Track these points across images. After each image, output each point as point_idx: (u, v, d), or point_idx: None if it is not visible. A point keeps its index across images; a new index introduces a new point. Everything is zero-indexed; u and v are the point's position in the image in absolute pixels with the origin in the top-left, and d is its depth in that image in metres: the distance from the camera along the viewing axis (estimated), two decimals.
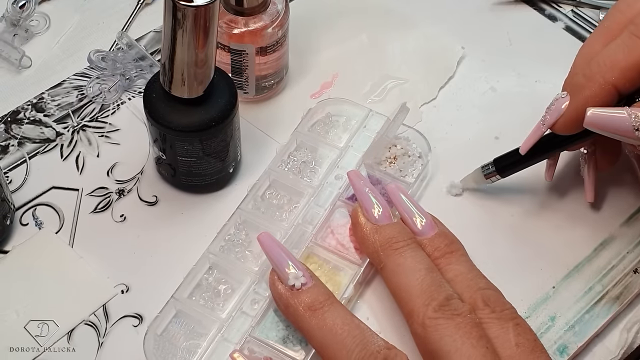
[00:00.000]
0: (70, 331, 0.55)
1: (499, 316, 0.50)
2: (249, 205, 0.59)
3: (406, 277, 0.51)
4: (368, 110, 0.64)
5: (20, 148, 0.64)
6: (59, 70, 0.69)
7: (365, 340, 0.48)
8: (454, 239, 0.55)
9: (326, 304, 0.50)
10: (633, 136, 0.50)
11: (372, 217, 0.55)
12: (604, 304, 0.57)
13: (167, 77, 0.55)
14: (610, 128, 0.50)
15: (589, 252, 0.60)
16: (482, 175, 0.60)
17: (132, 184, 0.62)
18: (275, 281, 0.52)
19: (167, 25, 0.52)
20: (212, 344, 0.53)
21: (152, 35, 0.71)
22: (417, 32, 0.72)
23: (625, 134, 0.50)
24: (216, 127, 0.56)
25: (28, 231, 0.60)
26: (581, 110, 0.51)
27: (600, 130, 0.51)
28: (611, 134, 0.51)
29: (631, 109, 0.50)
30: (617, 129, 0.50)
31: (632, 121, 0.49)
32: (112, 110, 0.66)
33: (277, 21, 0.62)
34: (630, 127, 0.49)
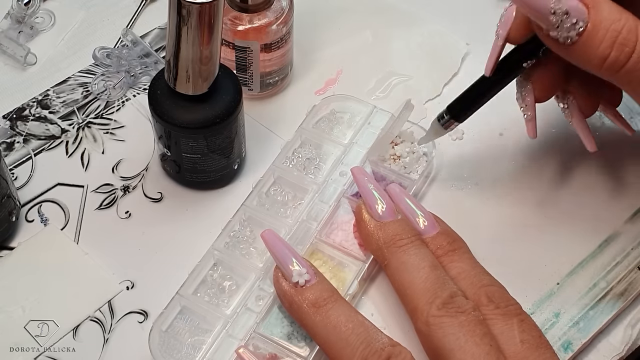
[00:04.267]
0: (76, 327, 0.55)
1: (504, 312, 0.50)
2: (254, 202, 0.59)
3: (410, 274, 0.51)
4: (372, 106, 0.64)
5: (26, 145, 0.64)
6: (64, 67, 0.69)
7: (369, 337, 0.48)
8: (457, 237, 0.55)
9: (330, 300, 0.50)
10: (547, 18, 0.48)
11: (376, 213, 0.55)
12: (608, 300, 0.57)
13: (171, 73, 0.55)
14: (529, 1, 0.48)
15: (593, 249, 0.60)
16: (440, 126, 0.58)
17: (137, 181, 0.62)
18: (279, 278, 0.52)
19: (171, 22, 0.52)
20: (216, 340, 0.53)
21: (157, 32, 0.71)
22: (421, 29, 0.72)
23: (541, 12, 0.48)
24: (221, 123, 0.56)
25: (33, 228, 0.60)
26: None
27: (520, 3, 0.49)
28: (529, 11, 0.48)
29: None
30: (535, 4, 0.48)
31: (551, 1, 0.47)
32: (117, 107, 0.66)
33: (282, 18, 0.62)
34: (548, 7, 0.47)
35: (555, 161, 0.63)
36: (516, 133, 0.65)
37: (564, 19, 0.47)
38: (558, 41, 0.49)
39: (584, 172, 0.62)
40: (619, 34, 0.47)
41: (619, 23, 0.47)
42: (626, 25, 0.47)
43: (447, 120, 0.58)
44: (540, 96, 0.56)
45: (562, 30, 0.48)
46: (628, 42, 0.47)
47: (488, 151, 0.63)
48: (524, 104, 0.56)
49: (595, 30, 0.48)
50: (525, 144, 0.64)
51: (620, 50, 0.47)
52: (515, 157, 0.64)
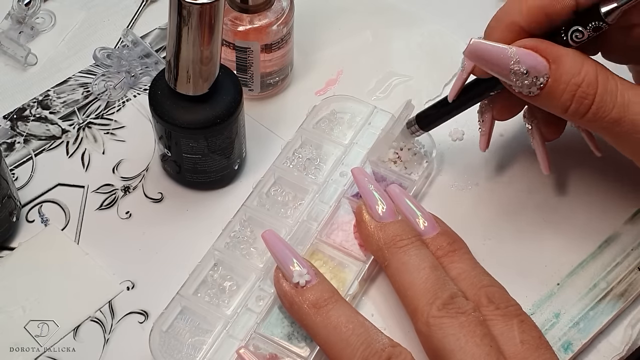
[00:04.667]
0: (76, 328, 0.55)
1: (504, 313, 0.50)
2: (254, 202, 0.59)
3: (410, 275, 0.51)
4: (373, 107, 0.64)
5: (26, 145, 0.64)
6: (65, 67, 0.69)
7: (369, 338, 0.48)
8: (457, 238, 0.55)
9: (331, 301, 0.50)
10: (508, 77, 0.50)
11: (376, 214, 0.54)
12: (608, 300, 0.57)
13: (172, 74, 0.55)
14: (488, 60, 0.50)
15: (593, 249, 0.60)
16: (408, 131, 0.60)
17: (138, 181, 0.62)
18: (280, 279, 0.52)
19: (172, 23, 0.52)
20: (217, 341, 0.53)
21: (158, 33, 0.71)
22: (421, 29, 0.72)
23: (502, 73, 0.50)
24: (221, 124, 0.56)
25: (34, 228, 0.60)
26: None
27: (479, 62, 0.51)
28: (489, 69, 0.51)
29: (514, 50, 0.50)
30: (494, 63, 0.50)
31: (510, 62, 0.50)
32: (117, 107, 0.66)
33: (282, 18, 0.62)
34: (508, 68, 0.50)
35: (555, 162, 0.63)
36: (517, 134, 0.65)
37: (524, 77, 0.50)
38: (522, 93, 0.51)
39: (584, 173, 0.62)
40: (579, 87, 0.49)
41: (579, 77, 0.49)
42: (586, 78, 0.49)
43: (415, 128, 0.60)
44: (498, 116, 0.58)
45: (524, 87, 0.50)
46: (587, 95, 0.49)
47: (488, 152, 0.63)
48: (481, 119, 0.59)
49: (555, 84, 0.50)
50: (526, 144, 0.63)
51: (579, 103, 0.50)
52: (516, 157, 0.64)
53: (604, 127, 0.50)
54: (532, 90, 0.50)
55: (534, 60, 0.49)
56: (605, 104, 0.49)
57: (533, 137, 0.58)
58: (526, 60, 0.49)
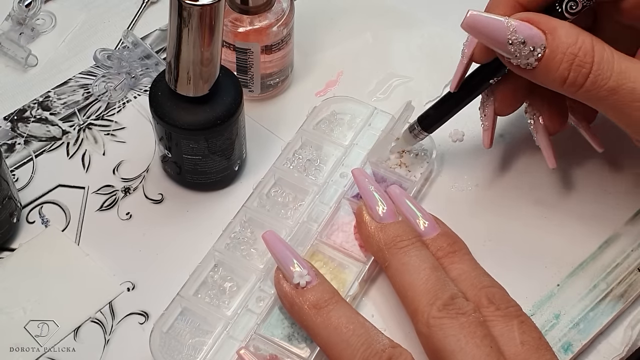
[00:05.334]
0: (77, 329, 0.55)
1: (504, 314, 0.50)
2: (254, 203, 0.59)
3: (410, 276, 0.51)
4: (373, 108, 0.64)
5: (27, 146, 0.64)
6: (65, 68, 0.69)
7: (370, 338, 0.48)
8: (457, 239, 0.55)
9: (331, 302, 0.50)
10: (505, 48, 0.50)
11: (377, 215, 0.54)
12: (608, 301, 0.57)
13: (172, 75, 0.54)
14: (485, 32, 0.50)
15: (593, 250, 0.59)
16: (411, 136, 0.60)
17: (138, 182, 0.62)
18: (281, 279, 0.52)
19: (172, 24, 0.52)
20: (217, 342, 0.53)
21: (158, 34, 0.71)
22: (421, 30, 0.72)
23: (499, 44, 0.50)
24: (222, 125, 0.56)
25: (34, 229, 0.60)
26: None
27: (477, 34, 0.51)
28: (487, 41, 0.51)
29: (510, 20, 0.50)
30: (491, 35, 0.50)
31: (507, 32, 0.50)
32: (117, 108, 0.66)
33: (282, 19, 0.62)
34: (505, 38, 0.50)
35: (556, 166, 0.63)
36: (517, 135, 0.65)
37: (522, 47, 0.50)
38: (520, 66, 0.51)
39: (584, 174, 0.62)
40: (576, 56, 0.49)
41: (575, 46, 0.49)
42: (582, 47, 0.49)
43: (418, 132, 0.60)
44: (500, 110, 0.58)
45: (521, 58, 0.50)
46: (585, 64, 0.49)
47: (489, 153, 0.63)
48: (483, 114, 0.58)
49: (552, 54, 0.50)
50: (526, 145, 0.64)
51: (577, 72, 0.50)
52: (516, 158, 0.64)
53: (601, 98, 0.50)
54: (530, 62, 0.50)
55: (530, 30, 0.50)
56: (602, 72, 0.49)
57: (537, 131, 0.58)
58: (523, 30, 0.50)
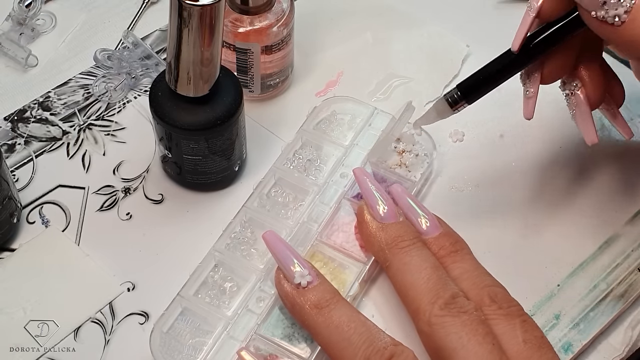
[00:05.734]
0: (77, 329, 0.55)
1: (506, 313, 0.49)
2: (255, 203, 0.59)
3: (412, 275, 0.51)
4: (373, 108, 0.64)
5: (27, 146, 0.64)
6: (65, 69, 0.69)
7: (371, 337, 0.48)
8: (459, 238, 0.55)
9: (332, 301, 0.50)
10: (597, 5, 0.45)
11: (378, 214, 0.54)
12: (608, 301, 0.57)
13: (172, 75, 0.54)
14: None
15: (593, 250, 0.60)
16: (447, 105, 0.54)
17: (138, 182, 0.62)
18: (281, 279, 0.52)
19: (172, 24, 0.52)
20: (217, 342, 0.53)
21: (158, 34, 0.71)
22: (421, 31, 0.72)
23: None
24: (222, 125, 0.56)
25: (35, 229, 0.60)
26: None
27: None
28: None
29: None
30: None
31: None
32: (118, 108, 0.66)
33: (283, 20, 0.62)
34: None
35: (555, 163, 0.63)
36: (517, 135, 0.65)
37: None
38: (605, 22, 0.45)
39: (584, 174, 0.62)
40: None
41: None
42: None
43: (456, 99, 0.54)
44: (547, 76, 0.53)
45: (610, 7, 0.45)
46: None
47: (489, 153, 0.63)
48: (528, 79, 0.53)
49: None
50: (526, 145, 0.64)
51: None
52: (516, 159, 0.64)
53: None
54: (619, 14, 0.45)
55: None
56: None
57: (577, 104, 0.53)
58: None
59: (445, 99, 0.55)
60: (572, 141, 0.62)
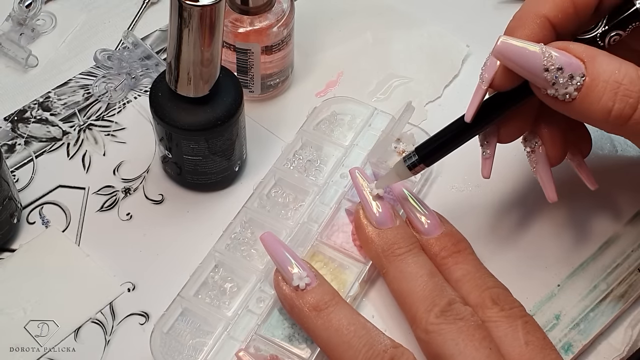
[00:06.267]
0: (77, 329, 0.55)
1: (508, 314, 0.49)
2: (255, 204, 0.59)
3: (408, 283, 0.51)
4: (373, 108, 0.64)
5: (27, 147, 0.64)
6: (65, 69, 0.69)
7: (371, 339, 0.48)
8: (461, 238, 0.55)
9: (331, 303, 0.50)
10: (541, 76, 0.46)
11: (373, 215, 0.54)
12: (608, 302, 0.57)
13: (173, 76, 0.54)
14: (519, 61, 0.46)
15: (593, 251, 0.59)
16: (406, 168, 0.54)
17: (138, 183, 0.62)
18: (280, 282, 0.52)
19: (173, 25, 0.52)
20: (218, 342, 0.53)
21: (158, 34, 0.71)
22: (421, 31, 0.72)
23: (534, 71, 0.46)
24: (222, 125, 0.56)
25: (35, 229, 0.60)
26: None
27: (509, 62, 0.46)
28: (521, 70, 0.46)
29: (545, 46, 0.46)
30: (526, 63, 0.46)
31: (543, 58, 0.45)
32: (118, 109, 0.66)
33: (283, 20, 0.62)
34: (540, 65, 0.45)
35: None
36: None
37: (559, 74, 0.46)
38: (557, 99, 0.46)
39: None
40: (620, 85, 0.45)
41: (619, 74, 0.45)
42: (627, 75, 0.45)
43: (415, 163, 0.54)
44: (504, 138, 0.53)
45: (560, 86, 0.46)
46: (631, 92, 0.45)
47: None
48: (485, 141, 0.54)
49: (594, 83, 0.45)
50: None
51: (624, 102, 0.45)
52: (516, 159, 0.63)
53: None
54: (569, 92, 0.46)
55: (568, 59, 0.45)
56: None
57: (537, 161, 0.54)
58: (560, 58, 0.45)
59: (402, 159, 0.54)
60: None
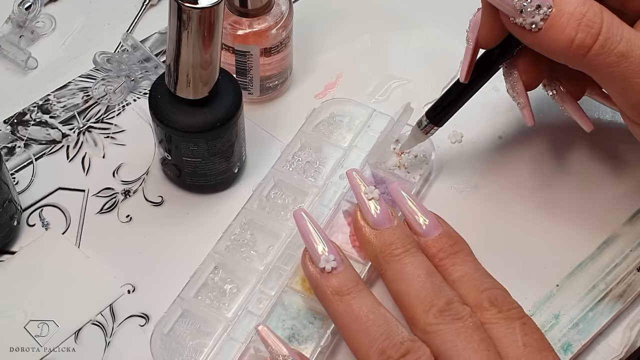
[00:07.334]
0: (78, 331, 0.55)
1: (506, 316, 0.49)
2: (254, 205, 0.59)
3: (405, 284, 0.51)
4: (372, 110, 0.64)
5: (27, 149, 0.64)
6: (65, 71, 0.69)
7: (389, 329, 0.48)
8: (459, 239, 0.54)
9: (354, 290, 0.50)
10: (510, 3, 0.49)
11: (371, 217, 0.53)
12: (607, 302, 0.57)
13: (172, 78, 0.54)
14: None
15: (592, 251, 0.59)
16: (420, 131, 0.59)
17: (138, 185, 0.62)
18: (307, 261, 0.52)
19: (172, 27, 0.51)
20: (218, 343, 0.53)
21: (157, 37, 0.71)
22: (420, 32, 0.72)
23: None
24: (221, 127, 0.56)
25: (35, 232, 0.60)
26: (495, 12, 0.51)
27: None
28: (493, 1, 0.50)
29: None
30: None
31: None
32: (117, 111, 0.66)
33: (281, 22, 0.62)
34: None
35: (554, 163, 0.63)
36: (515, 136, 0.65)
37: (527, 3, 0.48)
38: (524, 28, 0.49)
39: (583, 175, 0.62)
40: (584, 16, 0.48)
41: (584, 6, 0.48)
42: (591, 7, 0.48)
43: (426, 125, 0.59)
44: (528, 82, 0.56)
45: (527, 15, 0.48)
46: (593, 23, 0.48)
47: (487, 154, 0.63)
48: (514, 92, 0.56)
49: (559, 13, 0.48)
50: (525, 147, 0.64)
51: (586, 32, 0.48)
52: (515, 159, 0.64)
53: (609, 64, 0.48)
54: (536, 21, 0.48)
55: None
56: (612, 34, 0.48)
57: (563, 100, 0.57)
58: None
59: (416, 124, 0.59)
60: (571, 142, 0.62)
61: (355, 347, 0.49)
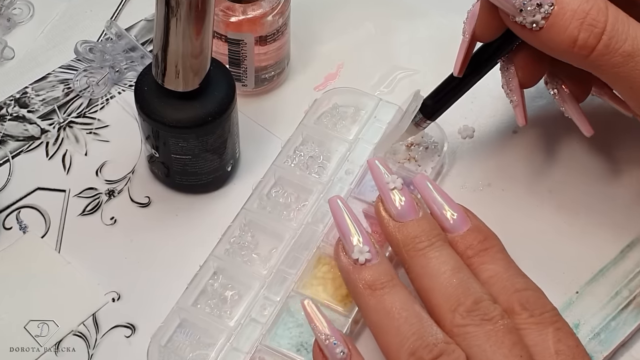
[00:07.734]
0: (58, 343, 0.54)
1: (538, 321, 0.48)
2: (254, 205, 0.58)
3: (430, 280, 0.49)
4: (378, 99, 0.63)
5: (3, 147, 0.63)
6: (44, 62, 0.68)
7: (422, 329, 0.47)
8: (489, 234, 0.53)
9: (388, 285, 0.49)
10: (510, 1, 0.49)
11: (394, 208, 0.52)
12: (631, 310, 0.56)
13: (160, 69, 0.54)
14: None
15: (614, 255, 0.58)
16: (413, 125, 0.59)
17: (123, 184, 0.61)
18: (340, 251, 0.51)
19: (159, 14, 0.51)
20: (220, 354, 0.52)
21: (143, 25, 0.70)
22: (426, 21, 0.72)
23: None
24: (213, 122, 0.56)
25: (12, 235, 0.59)
26: (492, 6, 0.51)
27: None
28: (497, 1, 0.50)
29: None
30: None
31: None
32: (100, 105, 0.65)
33: (278, 8, 0.61)
34: None
35: (575, 163, 0.62)
36: (532, 131, 0.64)
37: (528, 1, 0.48)
38: (525, 27, 0.49)
39: (605, 175, 0.61)
40: (587, 14, 0.48)
41: (587, 4, 0.48)
42: (595, 5, 0.48)
43: (420, 119, 0.58)
44: (524, 81, 0.56)
45: (527, 14, 0.48)
46: (597, 22, 0.48)
47: (501, 151, 0.62)
48: (508, 89, 0.56)
49: (562, 11, 0.48)
50: (542, 143, 0.63)
51: (589, 32, 0.48)
52: (531, 157, 0.63)
53: (614, 64, 0.48)
54: (537, 20, 0.48)
55: None
56: (617, 33, 0.48)
57: (564, 100, 0.56)
58: None
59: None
60: (591, 138, 0.61)
61: (385, 346, 0.47)
